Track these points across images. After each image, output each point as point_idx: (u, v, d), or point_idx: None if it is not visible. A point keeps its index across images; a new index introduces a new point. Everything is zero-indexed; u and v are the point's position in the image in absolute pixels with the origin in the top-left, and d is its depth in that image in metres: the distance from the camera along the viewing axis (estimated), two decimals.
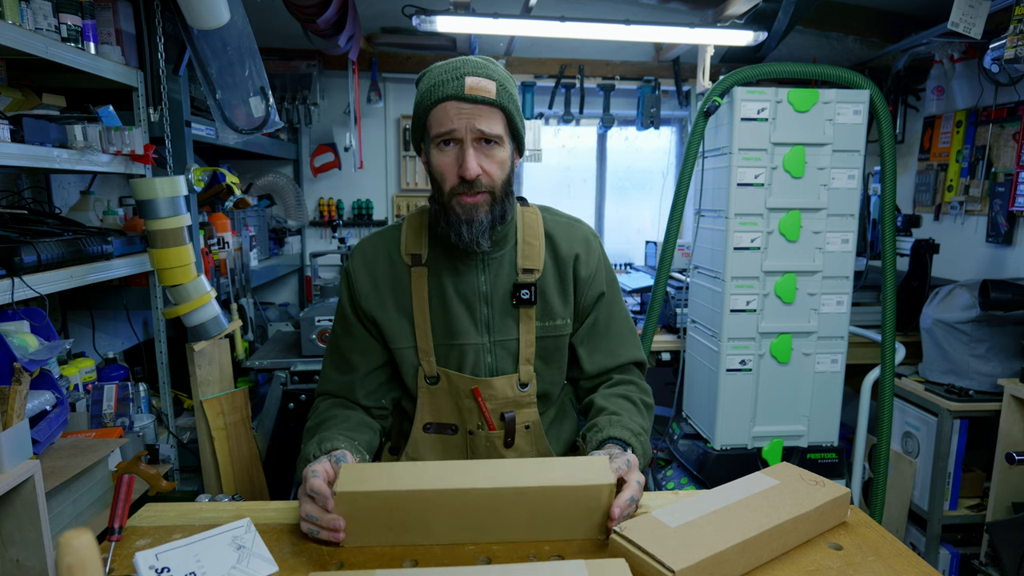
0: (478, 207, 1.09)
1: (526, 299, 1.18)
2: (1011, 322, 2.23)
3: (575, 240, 1.25)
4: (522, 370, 1.21)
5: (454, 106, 1.06)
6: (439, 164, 1.10)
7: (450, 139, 1.08)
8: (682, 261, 2.91)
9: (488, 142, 1.08)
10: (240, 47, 1.93)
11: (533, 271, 1.20)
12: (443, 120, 1.07)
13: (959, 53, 2.83)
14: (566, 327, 1.23)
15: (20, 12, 1.42)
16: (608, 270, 1.29)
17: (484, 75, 1.08)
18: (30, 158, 1.40)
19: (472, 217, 1.09)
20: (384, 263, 1.21)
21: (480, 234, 1.11)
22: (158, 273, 1.82)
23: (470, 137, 1.07)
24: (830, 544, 0.97)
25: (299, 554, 0.94)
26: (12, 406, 1.08)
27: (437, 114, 1.08)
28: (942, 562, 2.37)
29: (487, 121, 1.07)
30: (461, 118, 1.06)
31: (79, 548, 0.60)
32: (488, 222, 1.11)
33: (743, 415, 2.25)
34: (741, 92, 2.09)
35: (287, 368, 2.34)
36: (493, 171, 1.09)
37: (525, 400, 1.22)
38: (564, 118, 3.37)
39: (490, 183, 1.09)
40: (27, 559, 1.01)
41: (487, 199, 1.10)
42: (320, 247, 3.48)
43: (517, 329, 1.20)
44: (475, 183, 1.08)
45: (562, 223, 1.27)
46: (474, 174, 1.07)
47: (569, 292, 1.23)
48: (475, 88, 1.05)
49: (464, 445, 1.24)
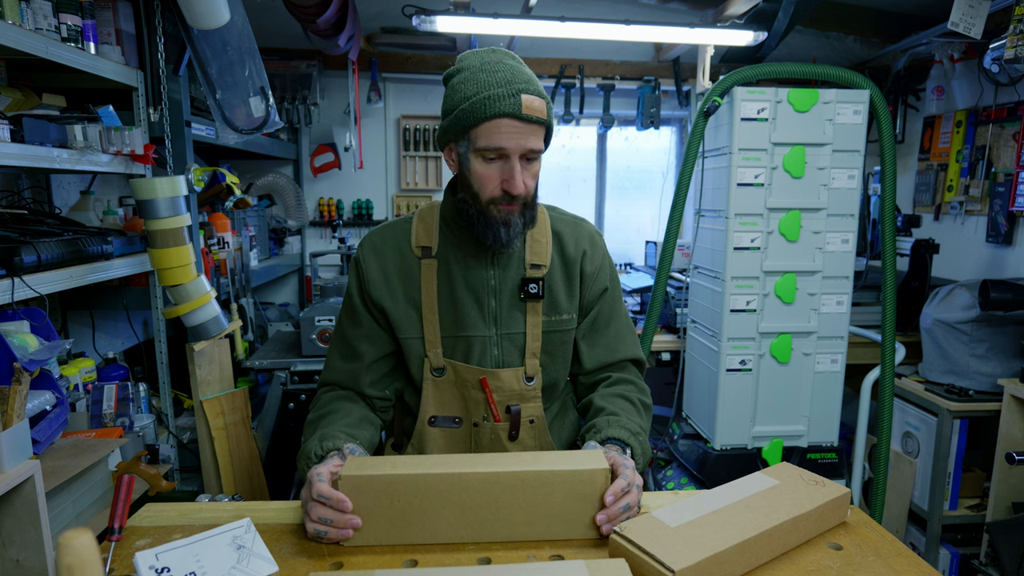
0: (514, 212, 1.15)
1: (534, 293, 1.22)
2: (1011, 322, 2.23)
3: (581, 237, 1.29)
4: (528, 363, 1.23)
5: (509, 124, 1.08)
6: (482, 174, 1.13)
7: (496, 156, 1.11)
8: (682, 261, 2.91)
9: (530, 159, 1.13)
10: (240, 47, 1.93)
11: (541, 267, 1.24)
12: (495, 136, 1.09)
13: (959, 53, 2.83)
14: (571, 322, 1.26)
15: (20, 12, 1.42)
16: (611, 268, 1.32)
17: (535, 92, 1.10)
18: (30, 158, 1.40)
19: (509, 220, 1.15)
20: (394, 254, 1.24)
21: (515, 236, 1.16)
22: (158, 273, 1.82)
23: (518, 156, 1.10)
24: (830, 544, 0.97)
25: (299, 554, 0.94)
26: (12, 406, 1.08)
27: (489, 128, 1.09)
28: (942, 562, 2.37)
29: (536, 139, 1.12)
30: (514, 138, 1.09)
31: (79, 548, 0.60)
32: (522, 225, 1.17)
33: (743, 415, 2.25)
34: (741, 92, 2.09)
35: (287, 368, 2.34)
36: (530, 184, 1.15)
37: (530, 394, 1.24)
38: (564, 118, 3.37)
39: (527, 195, 1.15)
40: (27, 559, 1.01)
41: (521, 207, 1.16)
42: (320, 247, 3.48)
43: (524, 323, 1.23)
44: (517, 197, 1.13)
45: (568, 221, 1.31)
46: (522, 191, 1.11)
47: (575, 287, 1.26)
48: (531, 108, 1.08)
49: (469, 438, 1.26)
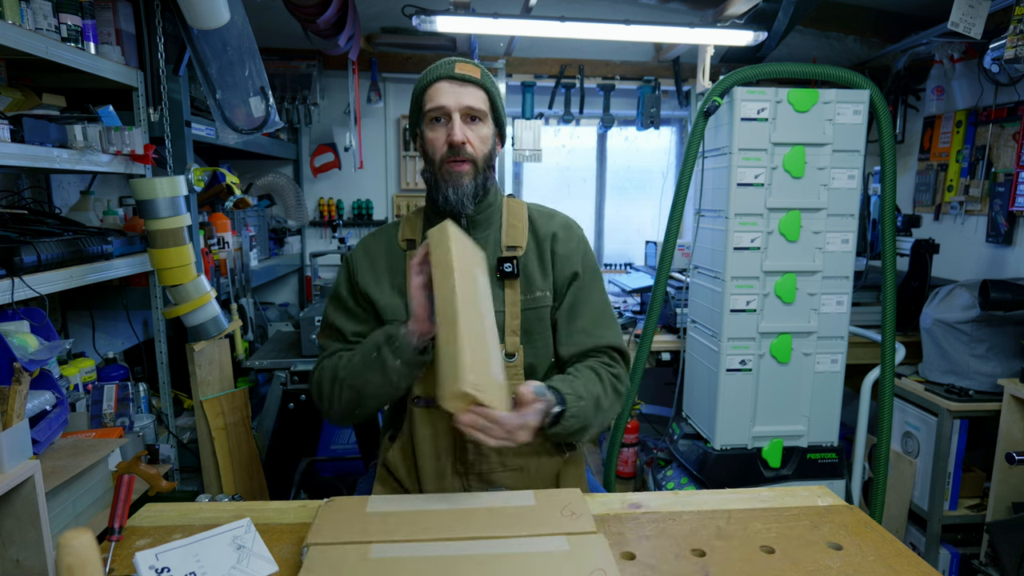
0: (463, 175, 1.24)
1: (509, 272, 1.28)
2: (1011, 322, 2.23)
3: (556, 224, 1.36)
4: (508, 341, 1.27)
5: (446, 85, 1.23)
6: (432, 138, 1.25)
7: (441, 115, 1.24)
8: (682, 261, 2.91)
9: (473, 119, 1.25)
10: (240, 47, 1.93)
11: (517, 248, 1.31)
12: (435, 97, 1.23)
13: (959, 53, 2.83)
14: (546, 299, 1.31)
15: (20, 12, 1.42)
16: (588, 255, 1.36)
17: (471, 65, 1.26)
18: (30, 158, 1.40)
19: (459, 183, 1.24)
20: (383, 249, 1.34)
21: (464, 196, 1.25)
22: (158, 273, 1.82)
23: (458, 112, 1.23)
24: (830, 544, 0.97)
25: (299, 554, 0.94)
26: (12, 406, 1.08)
27: (431, 93, 1.24)
28: (942, 562, 2.37)
29: (473, 98, 1.24)
30: (450, 96, 1.23)
31: (79, 548, 0.60)
32: (472, 188, 1.25)
33: (743, 415, 2.25)
34: (741, 92, 2.09)
35: (287, 368, 2.34)
36: (476, 143, 1.25)
37: (511, 371, 1.27)
38: (564, 118, 3.37)
39: (474, 153, 1.24)
40: (27, 559, 1.01)
41: (471, 168, 1.25)
42: (320, 247, 3.47)
43: (503, 302, 1.28)
44: (461, 150, 1.22)
45: (545, 211, 1.40)
46: (461, 139, 1.22)
47: (548, 267, 1.32)
48: (464, 69, 1.24)
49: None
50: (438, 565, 0.86)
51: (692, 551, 0.96)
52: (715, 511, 1.10)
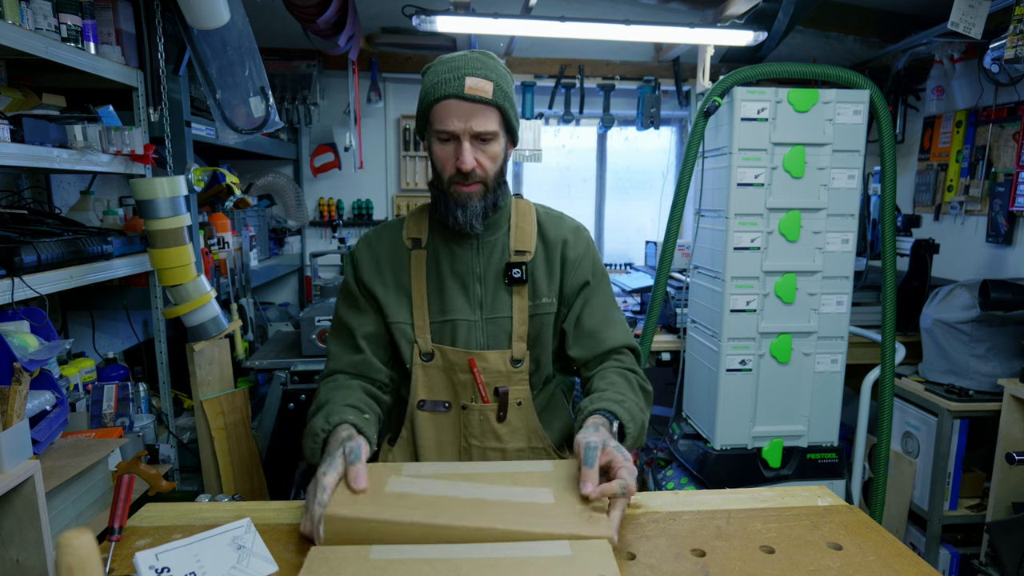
0: (472, 195, 1.20)
1: (517, 277, 1.26)
2: (1011, 322, 2.23)
3: (565, 228, 1.33)
4: (515, 346, 1.26)
5: (454, 105, 1.15)
6: (439, 155, 1.20)
7: (449, 137, 1.18)
8: (682, 261, 2.91)
9: (484, 140, 1.18)
10: (240, 47, 1.93)
11: (525, 253, 1.28)
12: (443, 118, 1.16)
13: (959, 53, 2.83)
14: (551, 306, 1.29)
15: (20, 12, 1.42)
16: (596, 260, 1.35)
17: (483, 75, 1.16)
18: (30, 158, 1.40)
19: (467, 203, 1.21)
20: (387, 246, 1.31)
21: (473, 217, 1.21)
22: (158, 273, 1.82)
23: (467, 136, 1.16)
24: (830, 544, 0.97)
25: (299, 554, 0.94)
26: (12, 406, 1.08)
27: (438, 111, 1.17)
28: (942, 562, 2.37)
29: (483, 120, 1.16)
30: (459, 119, 1.15)
31: (79, 548, 0.60)
32: (481, 208, 1.22)
33: (743, 415, 2.25)
34: (741, 92, 2.09)
35: (287, 368, 2.34)
36: (487, 164, 1.20)
37: (517, 376, 1.27)
38: (564, 118, 3.37)
39: (484, 175, 1.20)
40: (27, 559, 1.01)
41: (481, 189, 1.21)
42: (320, 247, 3.47)
43: (511, 307, 1.27)
44: (470, 175, 1.18)
45: (554, 215, 1.37)
46: (470, 167, 1.17)
47: (555, 273, 1.30)
48: (474, 89, 1.14)
49: (458, 422, 1.29)
50: (438, 567, 0.86)
51: (692, 551, 0.96)
52: (715, 511, 1.09)
